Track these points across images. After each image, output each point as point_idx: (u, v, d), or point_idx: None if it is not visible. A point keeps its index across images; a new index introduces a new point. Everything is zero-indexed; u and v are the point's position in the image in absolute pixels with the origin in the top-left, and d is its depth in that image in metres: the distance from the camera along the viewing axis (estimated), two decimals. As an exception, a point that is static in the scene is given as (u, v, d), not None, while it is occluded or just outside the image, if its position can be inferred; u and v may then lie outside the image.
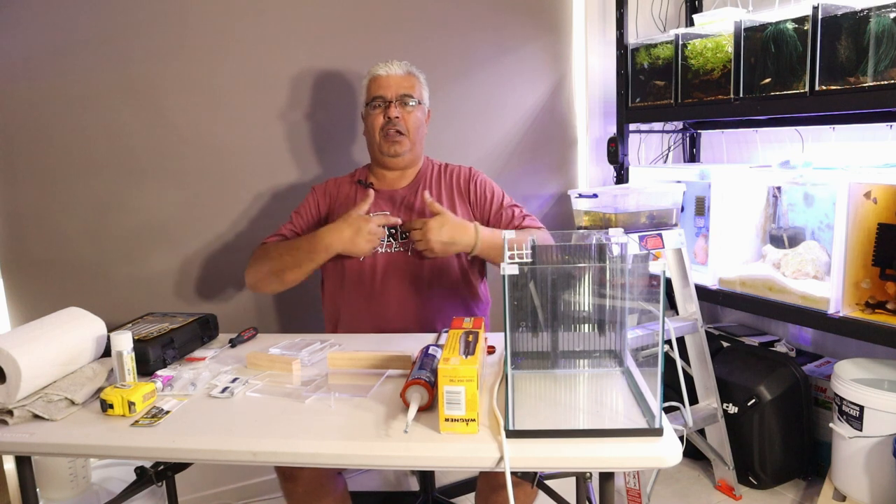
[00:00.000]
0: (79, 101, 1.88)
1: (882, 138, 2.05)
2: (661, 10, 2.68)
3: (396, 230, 1.75)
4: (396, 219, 1.68)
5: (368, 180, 1.84)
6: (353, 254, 1.65)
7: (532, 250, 1.20)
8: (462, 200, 1.81)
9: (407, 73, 1.80)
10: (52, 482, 1.79)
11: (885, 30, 1.67)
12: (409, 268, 1.73)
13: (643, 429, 1.04)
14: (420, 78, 1.83)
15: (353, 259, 1.72)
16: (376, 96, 1.77)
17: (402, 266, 1.73)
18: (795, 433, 2.15)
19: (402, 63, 1.81)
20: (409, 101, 1.77)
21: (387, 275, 1.73)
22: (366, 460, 1.07)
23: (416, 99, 1.78)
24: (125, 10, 1.90)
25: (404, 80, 1.78)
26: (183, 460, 1.42)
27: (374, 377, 1.32)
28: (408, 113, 1.77)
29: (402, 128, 1.76)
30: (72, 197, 1.92)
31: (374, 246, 1.65)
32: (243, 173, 2.10)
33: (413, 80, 1.80)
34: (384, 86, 1.76)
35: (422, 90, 1.83)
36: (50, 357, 1.25)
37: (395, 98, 1.75)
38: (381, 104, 1.76)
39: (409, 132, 1.77)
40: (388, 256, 1.74)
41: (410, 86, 1.78)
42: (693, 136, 2.74)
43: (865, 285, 1.80)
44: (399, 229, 1.74)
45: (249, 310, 2.16)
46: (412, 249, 1.72)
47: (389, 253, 1.74)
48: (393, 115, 1.74)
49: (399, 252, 1.74)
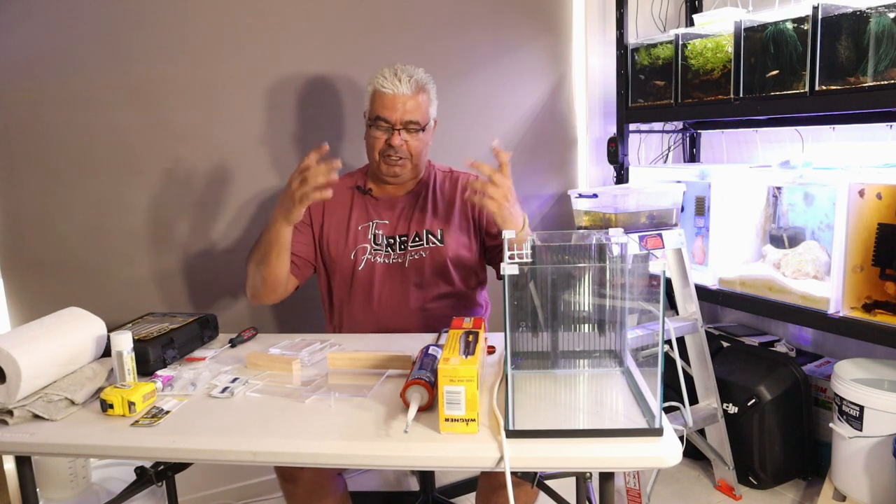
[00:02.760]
0: (79, 100, 1.88)
1: (882, 138, 2.05)
2: (661, 10, 2.68)
3: (395, 240, 1.72)
4: (324, 145, 1.47)
5: (367, 186, 1.78)
6: (288, 217, 1.51)
7: (532, 250, 1.20)
8: (463, 212, 1.76)
9: (415, 91, 1.64)
10: (52, 482, 1.79)
11: (885, 30, 1.67)
12: (407, 278, 1.72)
13: (643, 429, 1.04)
14: (430, 91, 1.71)
15: (348, 268, 1.71)
16: (380, 117, 1.65)
17: (399, 276, 1.72)
18: (795, 433, 2.15)
19: (412, 79, 1.64)
20: (415, 127, 1.66)
21: (384, 285, 1.72)
22: (366, 460, 1.07)
23: (423, 123, 1.67)
24: (125, 10, 1.90)
25: (411, 102, 1.64)
26: (183, 460, 1.42)
27: (374, 377, 1.32)
28: (412, 139, 1.67)
29: (405, 153, 1.67)
30: (72, 197, 1.92)
31: (303, 193, 1.45)
32: (243, 173, 2.10)
33: (420, 98, 1.66)
34: (389, 107, 1.63)
35: (429, 107, 1.70)
36: (50, 357, 1.25)
37: (401, 125, 1.64)
38: (383, 126, 1.65)
39: (411, 157, 1.68)
40: (386, 267, 1.72)
41: (417, 109, 1.65)
42: (693, 136, 2.74)
43: (861, 270, 1.78)
44: (398, 239, 1.71)
45: (249, 310, 2.16)
46: (409, 261, 1.71)
47: (388, 263, 1.72)
48: (396, 143, 1.64)
49: (397, 263, 1.72)
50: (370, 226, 1.74)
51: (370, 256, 1.72)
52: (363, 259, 1.72)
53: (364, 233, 1.74)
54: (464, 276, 1.76)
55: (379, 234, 1.74)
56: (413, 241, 1.72)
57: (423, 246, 1.72)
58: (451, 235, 1.73)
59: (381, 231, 1.74)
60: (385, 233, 1.74)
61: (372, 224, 1.74)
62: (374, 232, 1.74)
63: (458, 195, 1.77)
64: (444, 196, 1.77)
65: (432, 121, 1.74)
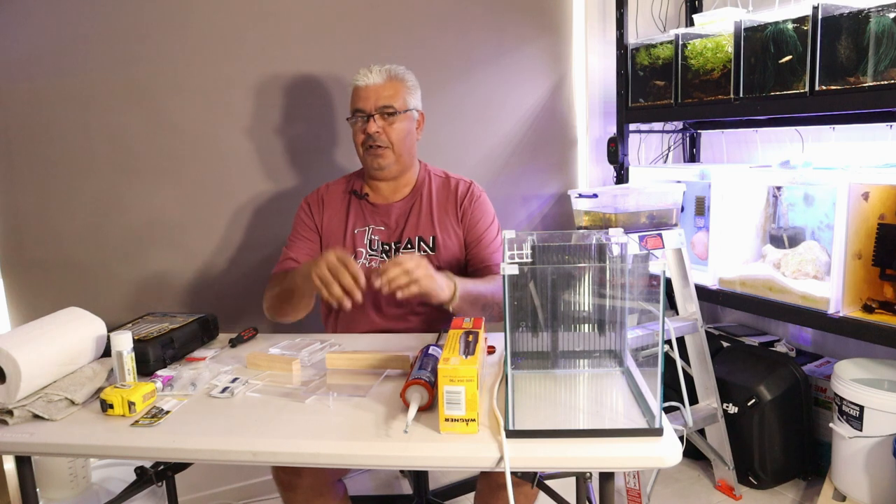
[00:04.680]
0: (79, 101, 1.88)
1: (882, 138, 2.05)
2: (661, 10, 2.68)
3: (390, 247, 1.72)
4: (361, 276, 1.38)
5: (363, 191, 1.77)
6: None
7: (532, 250, 1.20)
8: (456, 218, 1.75)
9: (388, 79, 1.67)
10: (52, 482, 1.79)
11: (885, 30, 1.67)
12: None
13: (643, 429, 1.04)
14: (406, 81, 1.71)
15: None
16: (356, 109, 1.68)
17: None
18: (795, 433, 2.15)
19: (383, 69, 1.68)
20: (389, 111, 1.66)
21: (379, 290, 1.71)
22: (366, 460, 1.07)
23: (399, 108, 1.67)
24: (126, 11, 1.90)
25: (384, 89, 1.66)
26: (183, 460, 1.42)
27: (373, 377, 1.32)
28: (389, 125, 1.67)
29: (384, 141, 1.67)
30: (72, 197, 1.92)
31: (326, 281, 1.37)
32: (243, 173, 2.10)
33: (396, 86, 1.67)
34: (363, 97, 1.66)
35: (407, 95, 1.70)
36: (50, 357, 1.25)
37: (375, 110, 1.65)
38: (361, 118, 1.68)
39: (392, 144, 1.67)
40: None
41: (392, 94, 1.66)
42: (693, 136, 2.74)
43: (859, 258, 1.78)
44: (393, 247, 1.71)
45: (249, 310, 2.15)
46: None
47: None
48: (372, 130, 1.65)
49: None
50: (366, 231, 1.74)
51: (365, 262, 1.72)
52: (359, 262, 1.72)
53: (360, 237, 1.74)
54: None
55: (375, 239, 1.73)
56: (405, 247, 1.72)
57: (414, 253, 1.72)
58: (443, 243, 1.72)
59: (377, 237, 1.74)
60: (381, 238, 1.73)
61: (368, 229, 1.74)
62: (371, 237, 1.73)
63: (451, 200, 1.76)
64: (439, 203, 1.76)
65: (415, 111, 1.73)
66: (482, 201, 1.77)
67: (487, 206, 1.78)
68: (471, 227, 1.74)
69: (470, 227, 1.74)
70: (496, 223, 1.78)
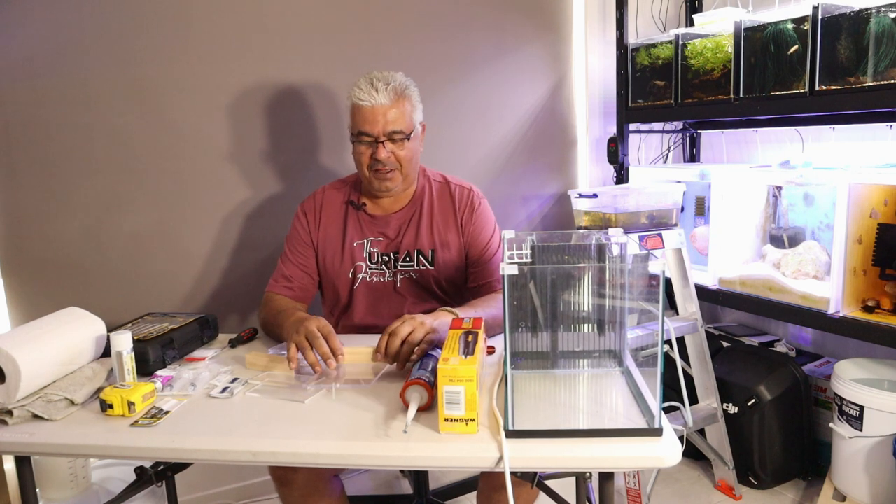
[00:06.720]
0: (80, 101, 1.88)
1: (882, 138, 2.05)
2: (661, 10, 2.68)
3: (390, 258, 1.71)
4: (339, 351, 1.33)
5: (360, 201, 1.73)
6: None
7: (532, 250, 1.20)
8: (456, 227, 1.72)
9: (394, 100, 1.58)
10: (52, 482, 1.79)
11: (885, 30, 1.67)
12: (399, 296, 1.71)
13: (643, 429, 1.04)
14: (411, 97, 1.63)
15: (345, 284, 1.71)
16: (361, 132, 1.59)
17: (391, 294, 1.71)
18: (795, 433, 2.15)
19: (388, 87, 1.57)
20: (399, 136, 1.60)
21: (380, 301, 1.71)
22: (365, 460, 1.08)
23: (407, 131, 1.60)
24: (126, 11, 1.90)
25: (391, 112, 1.57)
26: (183, 460, 1.42)
27: (375, 371, 1.33)
28: (399, 149, 1.61)
29: (393, 164, 1.61)
30: (72, 197, 1.92)
31: (303, 346, 1.32)
32: (243, 173, 2.10)
33: (402, 106, 1.59)
34: (370, 120, 1.57)
35: (412, 113, 1.63)
36: (50, 357, 1.25)
37: (384, 135, 1.58)
38: (367, 141, 1.60)
39: (401, 166, 1.63)
40: (380, 284, 1.71)
41: (399, 116, 1.58)
42: (693, 136, 2.74)
43: (860, 243, 1.78)
44: (391, 257, 1.70)
45: (249, 310, 2.15)
46: (400, 280, 1.70)
47: (382, 281, 1.71)
48: (382, 156, 1.58)
49: (390, 281, 1.71)
50: (365, 243, 1.72)
51: (365, 275, 1.71)
52: (360, 277, 1.71)
53: (359, 250, 1.72)
54: (453, 294, 1.75)
55: (374, 251, 1.72)
56: (404, 260, 1.71)
57: (413, 267, 1.71)
58: (441, 256, 1.71)
59: (376, 249, 1.72)
60: (380, 250, 1.72)
61: (367, 242, 1.72)
62: (370, 250, 1.72)
63: (451, 208, 1.73)
64: (439, 212, 1.73)
65: (418, 126, 1.67)
66: (482, 211, 1.74)
67: (488, 217, 1.75)
68: (472, 241, 1.72)
69: (471, 240, 1.72)
70: (497, 234, 1.75)
